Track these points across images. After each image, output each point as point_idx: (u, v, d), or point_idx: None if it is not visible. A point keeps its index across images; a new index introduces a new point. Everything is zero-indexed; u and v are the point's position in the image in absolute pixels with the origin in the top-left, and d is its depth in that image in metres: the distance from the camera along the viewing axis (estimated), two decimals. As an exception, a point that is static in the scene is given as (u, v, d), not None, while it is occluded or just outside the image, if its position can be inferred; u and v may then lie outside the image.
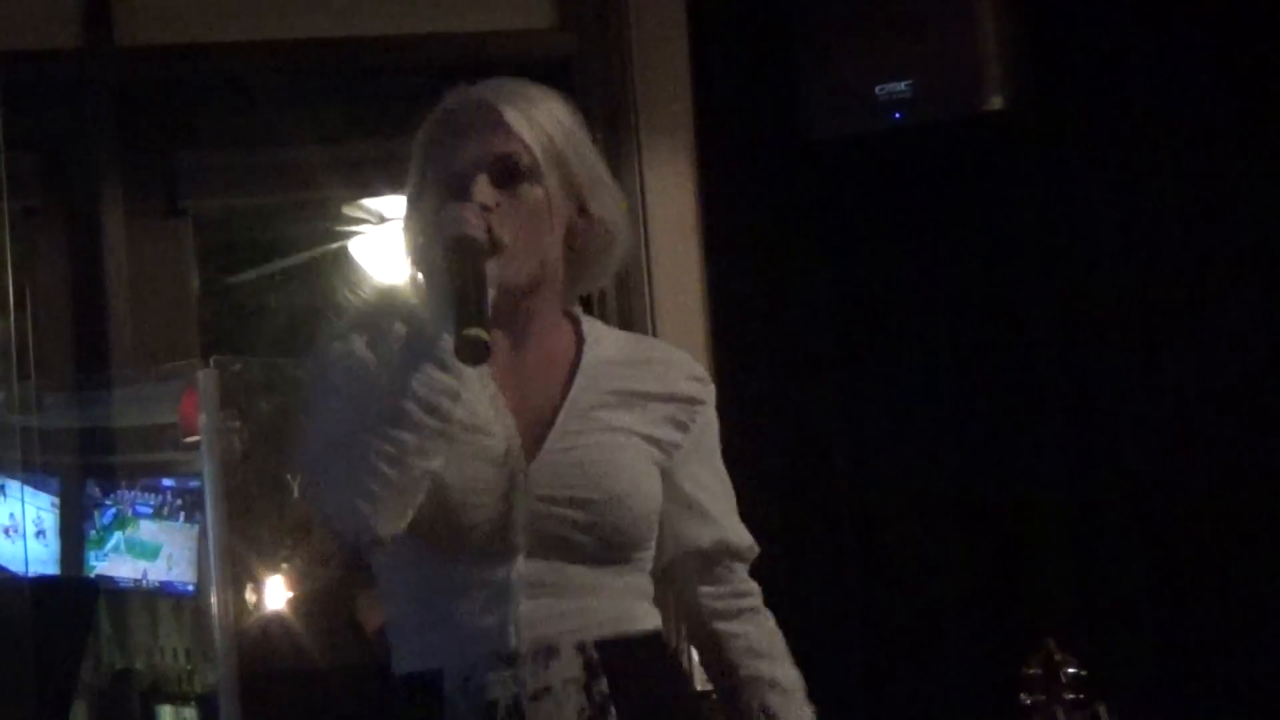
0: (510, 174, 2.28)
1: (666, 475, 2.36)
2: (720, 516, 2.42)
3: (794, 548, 4.32)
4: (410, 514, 2.18)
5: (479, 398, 2.25)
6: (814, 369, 4.56)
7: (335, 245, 6.15)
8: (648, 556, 2.34)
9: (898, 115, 4.27)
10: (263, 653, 3.87)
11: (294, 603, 4.16)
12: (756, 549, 2.47)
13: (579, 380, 2.33)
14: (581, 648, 2.24)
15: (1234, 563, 4.24)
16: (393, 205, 5.83)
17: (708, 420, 2.43)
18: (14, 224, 4.04)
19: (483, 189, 2.25)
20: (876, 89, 4.27)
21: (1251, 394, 4.28)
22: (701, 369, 2.47)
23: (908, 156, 4.46)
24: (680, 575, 2.41)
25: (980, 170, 4.51)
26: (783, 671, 2.43)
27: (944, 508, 4.48)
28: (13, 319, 4.17)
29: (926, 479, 4.50)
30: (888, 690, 4.45)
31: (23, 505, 4.19)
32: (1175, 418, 4.33)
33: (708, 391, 2.44)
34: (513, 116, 2.30)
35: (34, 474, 4.26)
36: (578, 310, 2.43)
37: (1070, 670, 3.20)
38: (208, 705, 3.99)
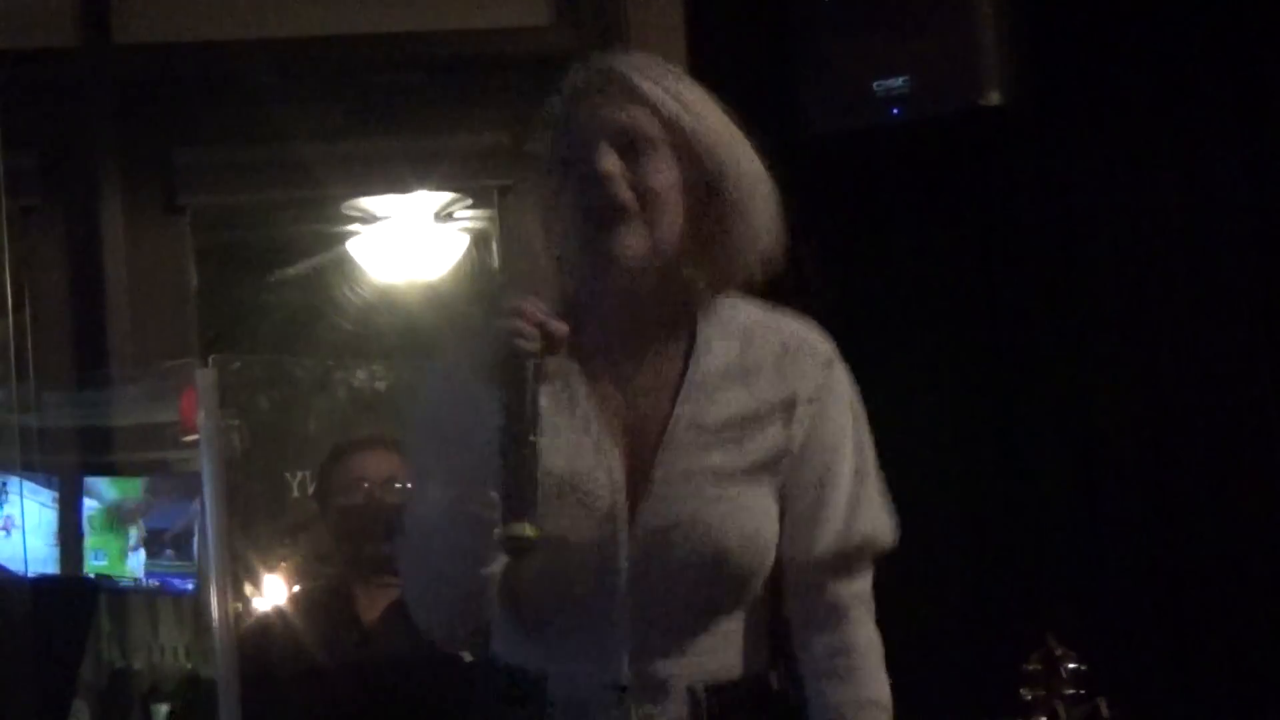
0: (634, 144, 2.17)
1: (782, 490, 2.25)
2: (835, 517, 2.30)
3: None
4: (486, 614, 2.16)
5: (585, 446, 2.16)
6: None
7: (334, 244, 6.16)
8: (757, 592, 2.24)
9: (896, 111, 4.27)
10: (263, 650, 3.87)
11: (293, 599, 4.16)
12: (882, 541, 2.37)
13: (682, 408, 2.20)
14: (691, 691, 2.18)
15: (1234, 557, 4.24)
16: (392, 204, 5.83)
17: (827, 409, 2.32)
18: (13, 222, 4.04)
19: (605, 158, 2.14)
20: (874, 84, 4.27)
21: (1251, 391, 4.27)
22: (826, 347, 2.37)
23: (906, 152, 4.46)
24: (784, 578, 2.29)
25: (978, 165, 4.50)
26: (852, 694, 2.32)
27: (944, 503, 4.47)
28: (11, 318, 4.17)
29: (926, 474, 4.49)
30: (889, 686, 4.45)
31: (22, 504, 4.19)
32: (1174, 411, 4.33)
33: (830, 376, 2.34)
34: (641, 84, 2.19)
35: (33, 472, 4.26)
36: (699, 305, 2.28)
37: (1071, 665, 3.20)
38: (208, 702, 4.00)
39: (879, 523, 2.36)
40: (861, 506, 2.34)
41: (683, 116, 2.22)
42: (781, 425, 2.25)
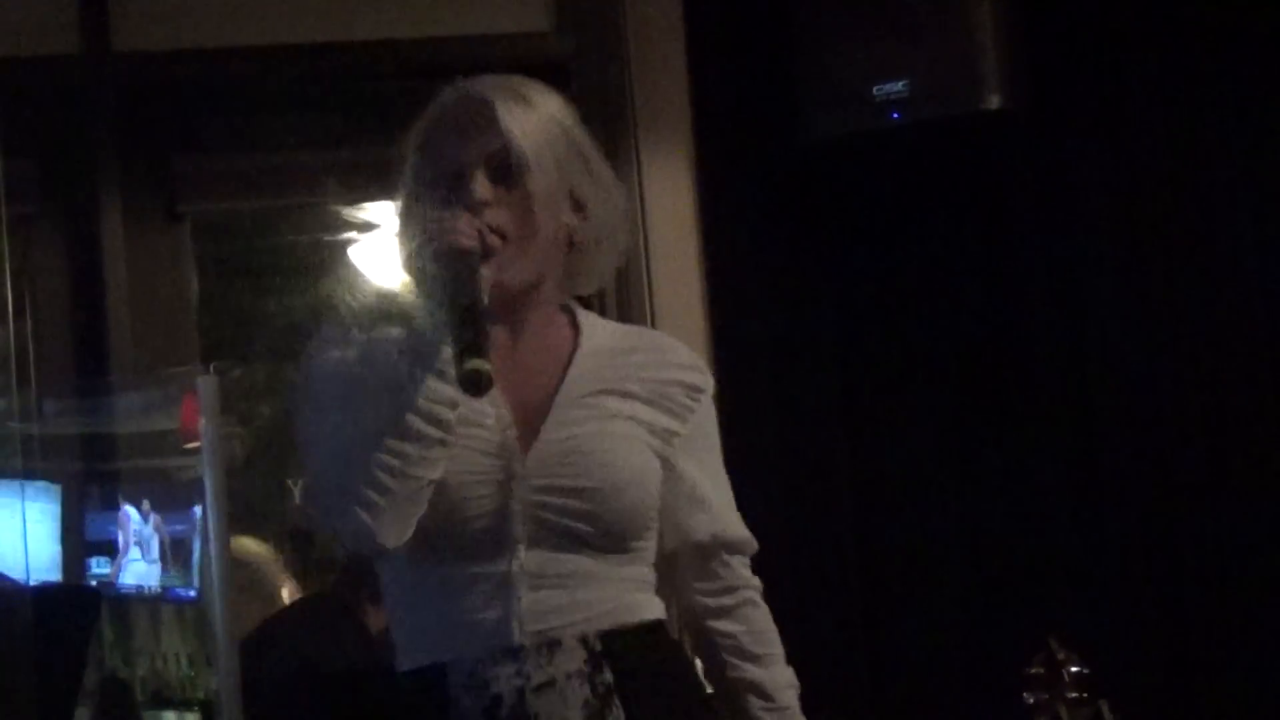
0: (506, 170, 2.27)
1: (666, 464, 2.35)
2: (719, 509, 2.42)
3: (794, 547, 4.32)
4: (414, 523, 2.19)
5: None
6: (813, 368, 4.56)
7: (334, 250, 6.15)
8: (649, 547, 2.34)
9: (896, 114, 4.27)
10: (266, 657, 3.87)
11: (297, 606, 4.16)
12: (755, 544, 2.46)
13: (574, 368, 2.33)
14: (584, 639, 2.24)
15: (1236, 560, 4.24)
16: (392, 210, 5.83)
17: (707, 409, 2.43)
18: (12, 230, 4.03)
19: (480, 185, 2.25)
20: (874, 89, 4.27)
21: (1253, 392, 4.27)
22: (699, 358, 2.47)
23: (906, 156, 4.46)
24: (678, 568, 2.40)
25: (978, 169, 4.51)
26: (770, 675, 2.42)
27: (946, 506, 4.48)
28: (12, 326, 4.16)
29: (928, 478, 4.50)
30: (890, 690, 4.45)
31: (23, 512, 4.19)
32: (1177, 414, 4.33)
33: (706, 380, 2.44)
34: (507, 112, 2.28)
35: (35, 480, 4.25)
36: (574, 304, 2.42)
37: (1073, 669, 3.20)
38: (210, 710, 3.99)
39: (743, 525, 2.47)
40: (731, 503, 2.46)
41: (550, 136, 2.31)
42: (670, 402, 2.36)
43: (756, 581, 2.47)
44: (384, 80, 4.69)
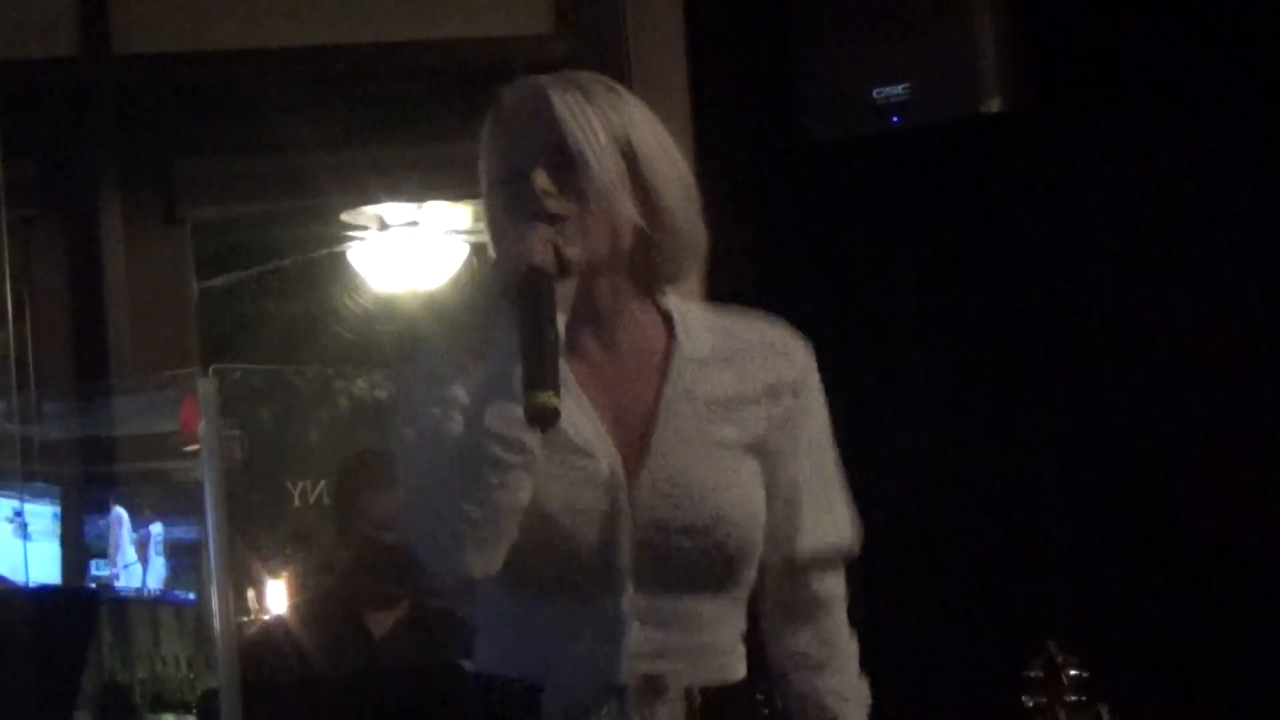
0: (567, 163, 2.20)
1: (768, 477, 2.28)
2: (816, 518, 2.34)
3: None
4: (503, 552, 2.12)
5: (576, 414, 2.17)
6: (813, 371, 4.55)
7: (335, 252, 6.16)
8: (752, 575, 2.27)
9: (895, 118, 4.27)
10: (265, 660, 3.87)
11: (296, 610, 4.16)
12: (855, 544, 2.41)
13: (670, 387, 2.25)
14: (688, 692, 2.19)
15: (1234, 563, 4.24)
16: (392, 212, 5.84)
17: (808, 403, 2.36)
18: (13, 233, 4.04)
19: (540, 178, 2.17)
20: (874, 92, 4.27)
21: (1253, 393, 4.27)
22: (802, 344, 2.41)
23: (906, 159, 4.46)
24: (765, 576, 2.32)
25: (978, 172, 4.51)
26: (835, 682, 2.39)
27: (945, 509, 4.48)
28: (12, 328, 4.17)
29: (927, 480, 4.50)
30: (889, 693, 4.44)
31: (23, 515, 4.19)
32: (1175, 416, 4.33)
33: (808, 370, 2.39)
34: (562, 103, 2.22)
35: (34, 483, 4.26)
36: (669, 299, 2.33)
37: (1072, 672, 3.20)
38: (208, 712, 3.99)
39: (851, 526, 2.41)
40: (839, 507, 2.39)
41: (612, 127, 2.25)
42: (769, 413, 2.30)
43: (842, 591, 2.42)
44: (385, 83, 4.70)
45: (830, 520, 2.36)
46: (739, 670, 2.27)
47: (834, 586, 2.39)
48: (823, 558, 2.35)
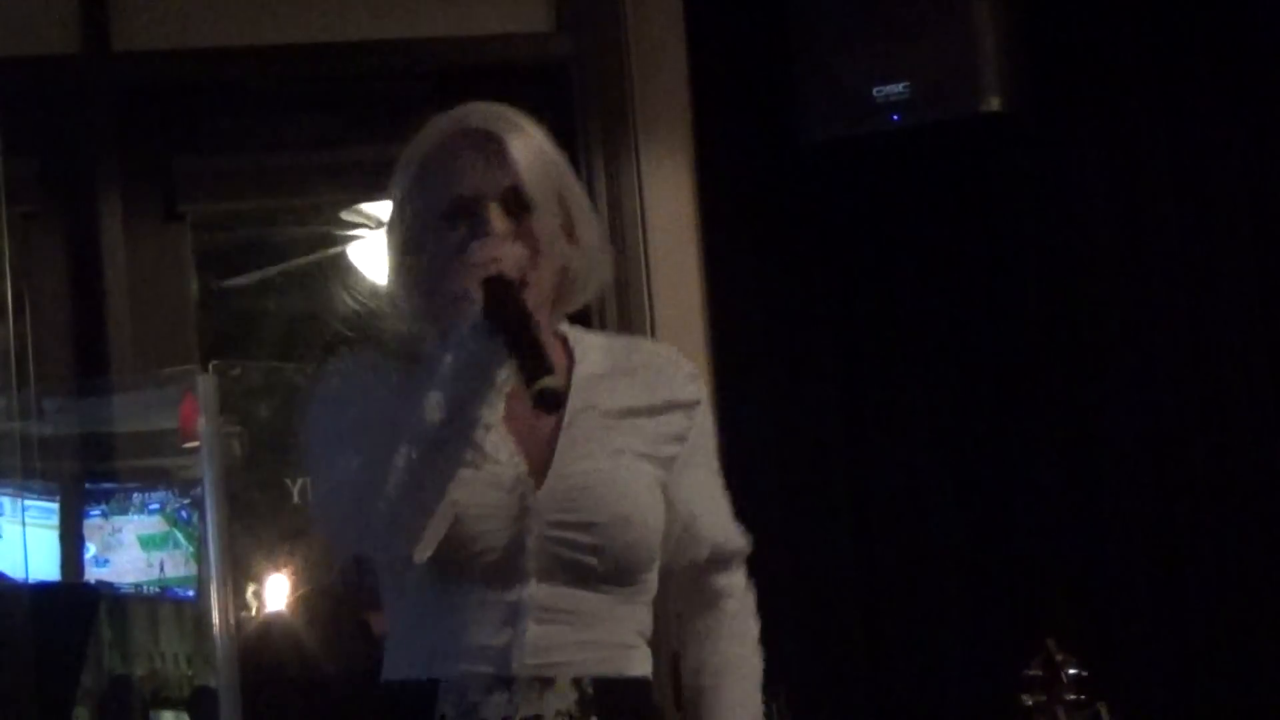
0: (515, 208, 2.29)
1: (666, 489, 2.38)
2: (716, 525, 2.46)
3: (794, 550, 4.32)
4: (423, 529, 2.20)
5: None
6: (813, 371, 4.56)
7: (334, 250, 6.16)
8: (652, 579, 2.37)
9: (895, 117, 4.28)
10: (265, 657, 3.87)
11: (294, 606, 4.16)
12: (749, 547, 2.50)
13: (573, 400, 2.35)
14: (578, 682, 2.27)
15: (1234, 562, 4.25)
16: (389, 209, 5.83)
17: (703, 422, 2.45)
18: (12, 229, 4.04)
19: (497, 219, 2.27)
20: (874, 91, 4.27)
21: (1252, 393, 4.28)
22: (691, 365, 2.49)
23: (905, 158, 4.47)
24: (672, 581, 2.44)
25: (978, 172, 4.51)
26: (726, 648, 2.46)
27: (944, 508, 4.48)
28: (11, 325, 4.17)
29: (927, 480, 4.50)
30: (889, 692, 4.45)
31: (23, 511, 4.19)
32: (1175, 416, 4.33)
33: (701, 391, 2.47)
34: (517, 148, 2.31)
35: (34, 480, 4.25)
36: (564, 326, 2.44)
37: (1071, 671, 3.20)
38: (200, 710, 4.00)
39: (738, 530, 2.51)
40: (730, 516, 2.50)
41: (550, 171, 2.35)
42: (667, 425, 2.41)
43: (744, 583, 2.51)
44: (384, 80, 4.70)
45: (729, 525, 2.48)
46: (638, 667, 2.35)
47: (736, 580, 2.50)
48: (723, 557, 2.47)
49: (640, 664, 2.36)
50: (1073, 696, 3.19)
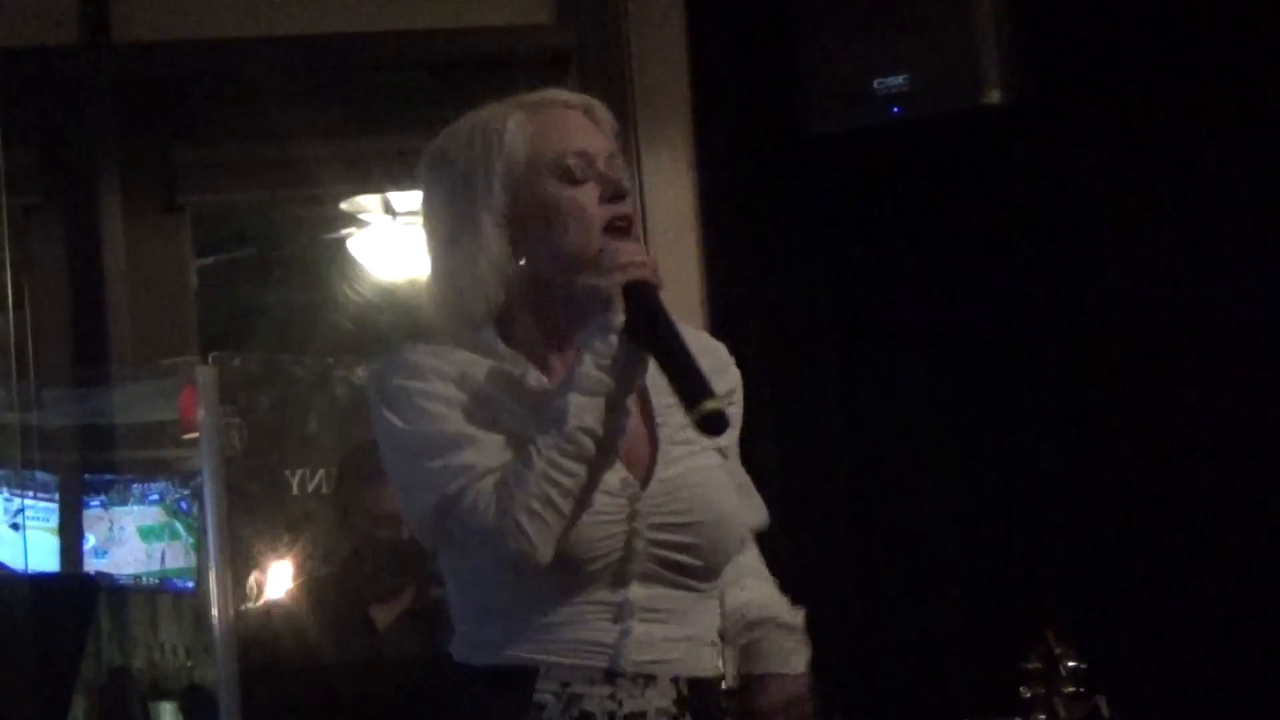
0: (620, 172, 2.34)
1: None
2: (748, 506, 2.48)
3: (794, 543, 4.32)
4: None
5: None
6: (814, 362, 4.56)
7: (333, 238, 6.16)
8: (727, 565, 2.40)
9: (896, 109, 4.27)
10: (264, 649, 3.87)
11: (294, 598, 4.16)
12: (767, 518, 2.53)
13: (658, 396, 2.35)
14: (676, 681, 2.29)
15: (1233, 555, 4.25)
16: (391, 202, 5.83)
17: (739, 407, 2.50)
18: (12, 221, 4.04)
19: (627, 205, 2.33)
20: (874, 83, 4.27)
21: (1251, 388, 4.28)
22: (726, 351, 2.52)
23: (906, 150, 4.46)
24: None
25: (978, 164, 4.51)
26: (776, 600, 2.51)
27: (944, 502, 4.48)
28: (11, 316, 4.17)
29: (926, 473, 4.50)
30: (888, 684, 4.45)
31: (22, 502, 4.19)
32: (1173, 409, 4.33)
33: (737, 374, 2.51)
34: (610, 123, 2.37)
35: (33, 471, 4.26)
36: None
37: (1070, 663, 3.20)
38: (197, 699, 4.00)
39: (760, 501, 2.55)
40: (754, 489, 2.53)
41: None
42: (729, 417, 2.39)
43: (754, 548, 2.54)
44: (385, 71, 4.70)
45: (758, 504, 2.51)
46: (717, 663, 2.39)
47: (753, 550, 2.54)
48: (760, 529, 2.51)
49: (718, 661, 2.39)
50: (1071, 689, 3.20)
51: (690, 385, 2.15)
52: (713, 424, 2.15)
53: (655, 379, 2.32)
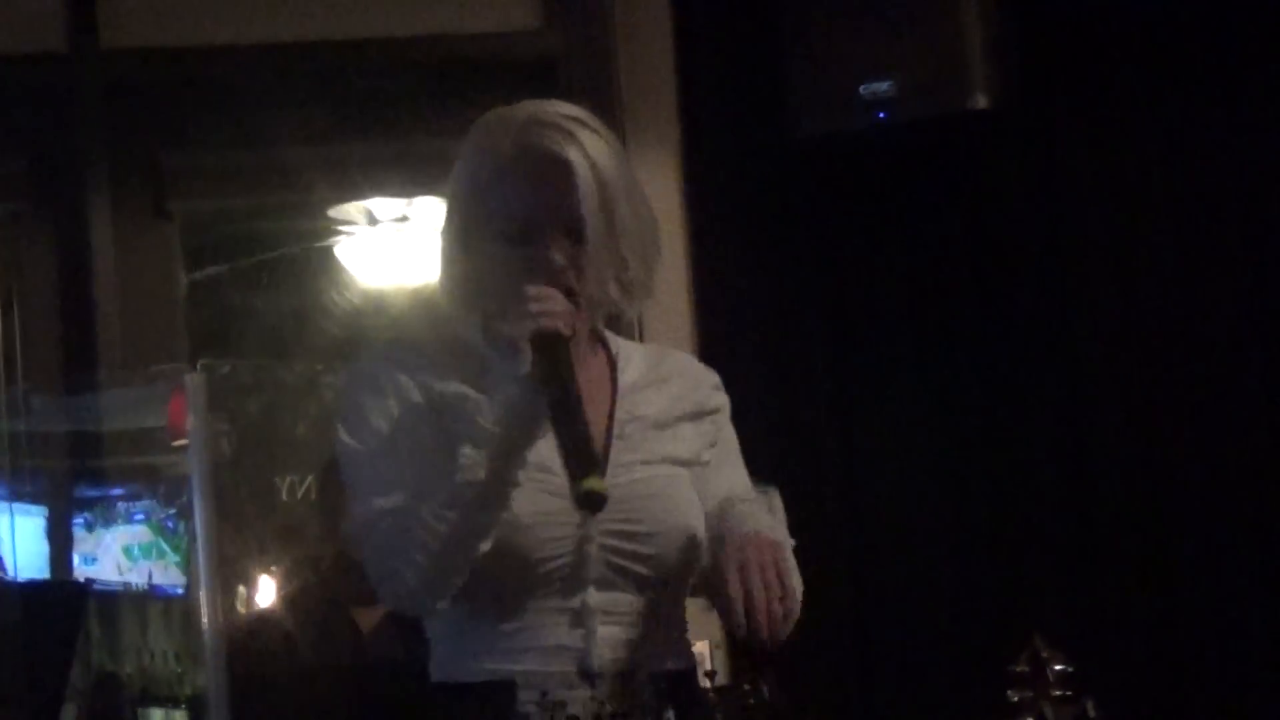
0: (577, 234, 2.29)
1: (699, 488, 2.42)
2: (753, 522, 2.45)
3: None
4: (458, 585, 2.23)
5: (540, 441, 2.27)
6: (802, 366, 4.56)
7: (322, 245, 6.15)
8: (695, 572, 2.40)
9: (882, 114, 4.28)
10: (253, 654, 3.87)
11: (284, 604, 4.16)
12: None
13: (620, 410, 2.38)
14: (654, 677, 2.32)
15: (1222, 557, 4.25)
16: (380, 208, 5.83)
17: (727, 426, 2.52)
18: (1, 227, 4.04)
19: (559, 252, 2.28)
20: (861, 88, 4.28)
21: (1244, 390, 4.28)
22: (716, 376, 2.53)
23: (892, 155, 4.47)
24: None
25: (965, 169, 4.51)
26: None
27: (932, 505, 4.48)
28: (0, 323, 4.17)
29: (916, 476, 4.51)
30: (877, 687, 4.46)
31: (10, 508, 4.19)
32: (1164, 410, 4.34)
33: (725, 400, 2.52)
34: (583, 178, 2.29)
35: (22, 477, 4.25)
36: (602, 329, 2.45)
37: (1058, 666, 3.20)
38: (197, 707, 4.00)
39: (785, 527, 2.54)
40: (773, 512, 2.55)
41: (613, 194, 2.32)
42: (698, 432, 2.45)
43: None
44: (373, 78, 4.70)
45: (775, 519, 2.51)
46: (688, 660, 2.41)
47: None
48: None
49: (690, 657, 2.42)
50: (1059, 692, 3.19)
51: (577, 456, 2.18)
52: (590, 502, 2.16)
53: (633, 393, 2.37)
